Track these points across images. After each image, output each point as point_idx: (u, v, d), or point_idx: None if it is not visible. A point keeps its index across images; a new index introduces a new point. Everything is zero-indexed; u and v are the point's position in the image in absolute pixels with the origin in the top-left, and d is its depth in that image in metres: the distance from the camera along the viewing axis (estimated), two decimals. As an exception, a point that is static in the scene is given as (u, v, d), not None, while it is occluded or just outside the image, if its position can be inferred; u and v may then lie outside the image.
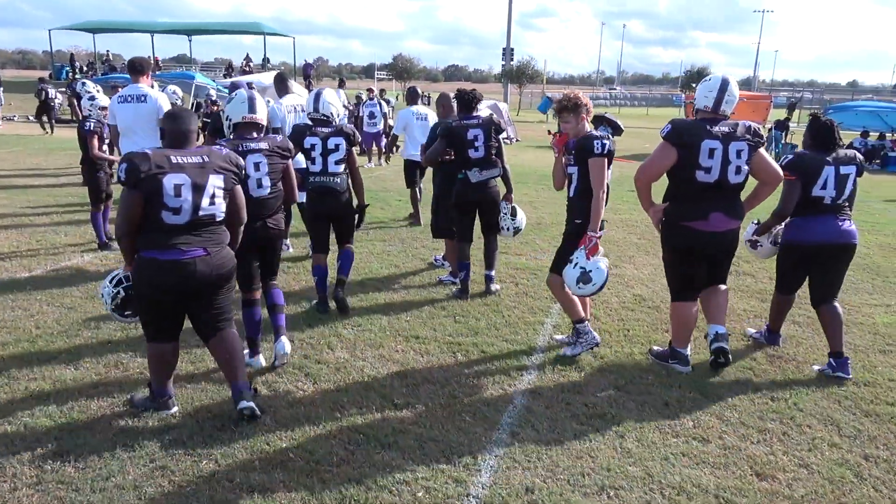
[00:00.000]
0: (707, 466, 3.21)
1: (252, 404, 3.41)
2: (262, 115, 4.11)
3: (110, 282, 3.51)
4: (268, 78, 27.23)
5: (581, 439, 3.41)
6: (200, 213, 3.26)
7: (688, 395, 3.96)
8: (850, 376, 4.24)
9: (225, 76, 37.26)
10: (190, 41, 45.48)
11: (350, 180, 5.04)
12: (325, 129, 4.90)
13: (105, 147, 6.94)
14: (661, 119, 36.76)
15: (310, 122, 4.98)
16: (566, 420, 3.60)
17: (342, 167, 4.95)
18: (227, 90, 14.40)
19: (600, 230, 4.17)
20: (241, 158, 3.55)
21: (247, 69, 37.67)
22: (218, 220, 3.37)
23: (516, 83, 45.18)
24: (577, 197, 4.26)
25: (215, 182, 3.30)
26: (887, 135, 20.23)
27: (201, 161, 3.28)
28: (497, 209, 5.63)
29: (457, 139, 5.42)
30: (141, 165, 3.12)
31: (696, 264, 4.18)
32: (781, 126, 19.84)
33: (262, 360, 4.18)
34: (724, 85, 4.03)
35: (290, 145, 4.25)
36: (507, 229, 5.65)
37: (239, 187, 3.50)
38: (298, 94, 7.44)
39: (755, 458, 3.31)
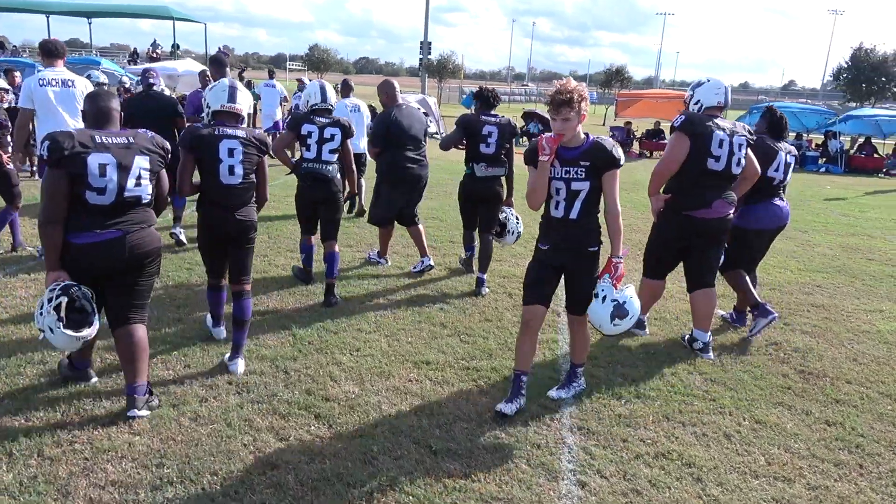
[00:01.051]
0: (804, 513, 2.87)
1: (143, 413, 3.28)
2: (242, 106, 3.98)
3: (41, 307, 3.12)
4: (181, 66, 25.46)
5: (659, 488, 2.98)
6: (126, 194, 3.21)
7: (742, 422, 3.62)
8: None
9: (129, 62, 34.70)
10: (90, 24, 42.04)
11: (343, 169, 5.21)
12: (323, 119, 5.07)
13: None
14: (593, 116, 37.80)
15: (308, 111, 5.16)
16: (632, 463, 3.16)
17: (335, 157, 5.11)
18: (137, 78, 13.09)
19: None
20: (167, 142, 3.49)
21: (154, 56, 35.23)
22: (144, 202, 3.32)
23: (436, 77, 44.79)
24: (586, 218, 3.42)
25: (141, 163, 3.26)
26: (803, 135, 21.27)
27: (126, 142, 3.25)
28: (496, 208, 5.69)
29: (473, 131, 5.54)
30: (64, 143, 3.04)
31: (682, 251, 4.55)
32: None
33: (223, 331, 4.28)
34: (725, 85, 4.48)
35: (269, 140, 4.09)
36: (512, 233, 5.73)
37: (164, 171, 3.50)
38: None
39: (847, 498, 3.00)
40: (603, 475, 3.04)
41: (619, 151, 3.38)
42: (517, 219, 5.76)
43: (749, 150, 4.41)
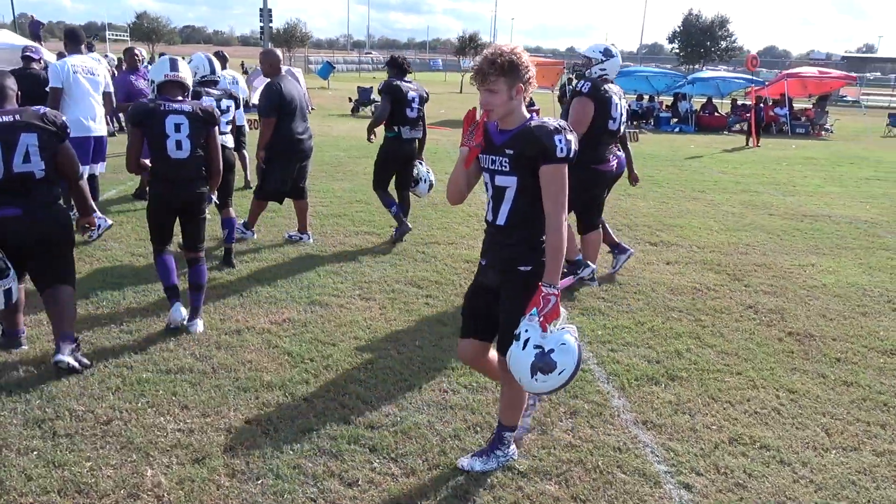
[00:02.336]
0: None
1: (68, 359, 3.40)
2: (184, 74, 4.08)
3: None
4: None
5: (757, 478, 2.91)
6: (14, 170, 3.27)
7: (779, 395, 3.68)
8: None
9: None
10: None
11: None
12: (216, 91, 5.25)
13: None
14: (446, 84, 37.98)
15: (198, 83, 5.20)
16: (716, 454, 3.06)
17: (229, 128, 5.39)
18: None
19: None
20: (62, 116, 3.53)
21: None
22: (38, 178, 3.36)
23: (284, 47, 42.58)
24: (517, 226, 2.59)
25: (28, 140, 3.30)
26: (655, 97, 22.75)
27: (11, 120, 3.30)
28: (413, 167, 6.23)
29: (400, 97, 5.89)
30: None
31: (588, 201, 5.15)
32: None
33: (182, 310, 4.13)
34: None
35: (217, 112, 4.17)
36: (424, 181, 6.24)
37: (67, 144, 3.51)
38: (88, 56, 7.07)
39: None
40: (698, 472, 2.93)
41: (559, 140, 2.44)
42: (427, 169, 6.30)
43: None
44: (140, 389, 3.38)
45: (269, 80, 5.76)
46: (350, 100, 21.85)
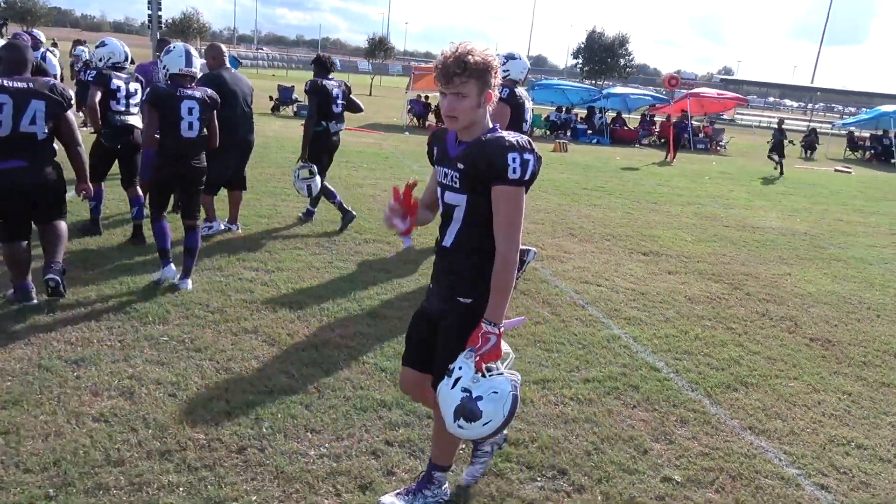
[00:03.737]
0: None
1: (57, 277, 4.03)
2: (196, 69, 4.65)
3: None
4: None
5: (878, 476, 3.19)
6: (20, 129, 3.83)
7: (842, 398, 4.03)
8: None
9: None
10: None
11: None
12: (124, 75, 5.64)
13: None
14: (361, 85, 37.33)
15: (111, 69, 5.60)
16: (828, 454, 3.32)
17: (137, 109, 5.69)
18: None
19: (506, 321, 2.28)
20: (69, 90, 4.16)
21: None
22: (40, 138, 3.93)
23: (181, 38, 40.31)
24: (459, 251, 2.30)
25: (37, 106, 3.87)
26: (570, 109, 23.73)
27: (25, 86, 3.87)
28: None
29: (324, 95, 6.37)
30: None
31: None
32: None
33: (173, 268, 4.72)
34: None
35: (219, 98, 4.79)
36: (307, 187, 6.34)
37: (69, 114, 4.08)
38: None
39: (976, 451, 3.53)
40: (823, 473, 3.16)
41: (512, 159, 2.11)
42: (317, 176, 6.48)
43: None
44: (254, 414, 3.16)
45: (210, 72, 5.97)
46: (270, 98, 21.13)
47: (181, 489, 2.59)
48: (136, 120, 5.64)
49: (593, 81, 44.72)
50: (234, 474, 2.72)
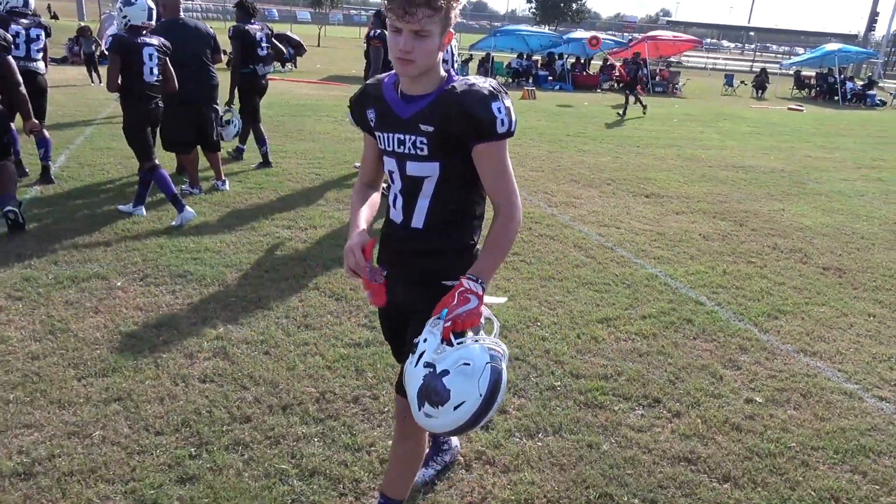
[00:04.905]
0: None
1: (15, 209, 4.65)
2: (153, 21, 5.17)
3: None
4: None
5: None
6: None
7: None
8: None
9: None
10: None
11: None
12: (26, 21, 6.01)
13: None
14: (308, 36, 36.36)
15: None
16: (882, 371, 3.64)
17: (41, 55, 6.21)
18: None
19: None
20: (9, 35, 4.99)
21: None
22: None
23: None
24: (434, 229, 1.87)
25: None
26: (531, 56, 23.67)
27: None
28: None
29: (249, 40, 6.76)
30: None
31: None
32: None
33: (191, 210, 5.23)
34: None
35: (170, 45, 5.21)
36: (234, 125, 6.75)
37: (9, 57, 4.82)
38: None
39: None
40: (878, 386, 3.45)
41: (497, 109, 1.71)
42: (237, 115, 6.84)
43: None
44: (353, 366, 3.24)
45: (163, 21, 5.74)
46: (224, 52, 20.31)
47: (317, 440, 2.68)
48: (38, 65, 6.17)
49: (548, 27, 44.55)
50: (360, 422, 2.81)
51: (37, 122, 4.83)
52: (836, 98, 24.84)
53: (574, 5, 47.11)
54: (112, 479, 2.38)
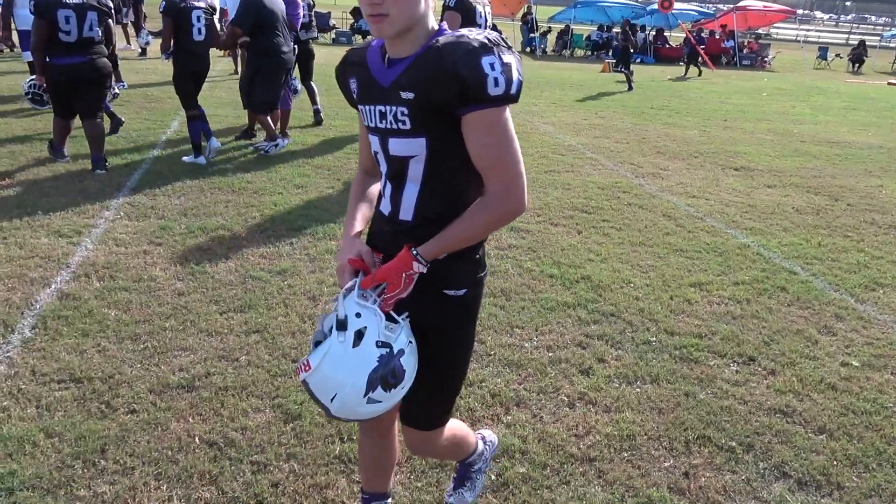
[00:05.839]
0: None
1: (102, 172, 5.50)
2: None
3: (27, 83, 6.92)
4: None
5: None
6: (84, 35, 5.25)
7: (969, 294, 4.29)
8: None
9: None
10: None
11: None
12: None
13: None
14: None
15: None
16: (976, 343, 3.63)
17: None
18: None
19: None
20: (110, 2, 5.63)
21: None
22: (96, 40, 5.38)
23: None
24: (427, 222, 1.54)
25: (92, 16, 5.29)
26: (612, 28, 23.20)
27: (82, 1, 5.25)
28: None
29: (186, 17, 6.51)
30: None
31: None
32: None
33: (215, 139, 6.14)
34: None
35: (217, 5, 6.69)
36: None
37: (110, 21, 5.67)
38: None
39: None
40: None
41: (488, 64, 1.36)
42: None
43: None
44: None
45: None
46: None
47: (432, 374, 2.95)
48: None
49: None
50: (472, 362, 3.07)
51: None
52: (942, 73, 23.23)
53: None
54: (261, 395, 2.73)
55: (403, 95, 1.44)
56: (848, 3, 77.97)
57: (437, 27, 1.47)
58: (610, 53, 21.44)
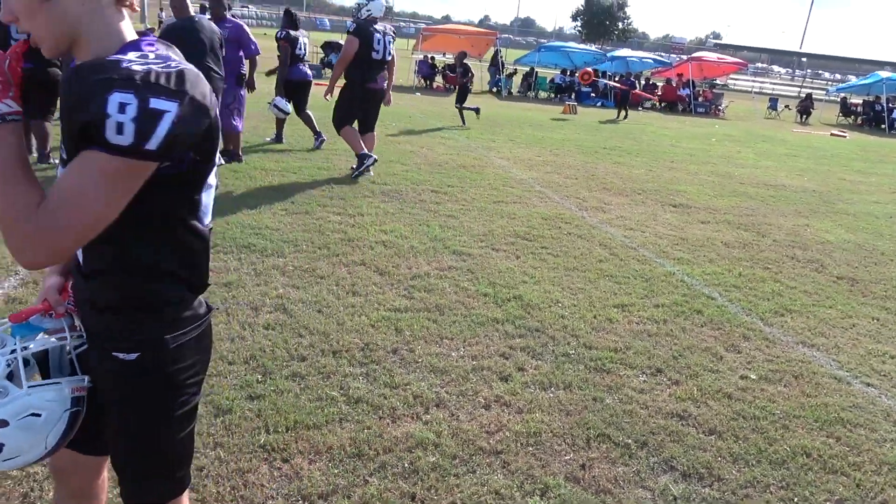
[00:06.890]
0: None
1: None
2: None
3: None
4: None
5: None
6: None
7: None
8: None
9: None
10: None
11: None
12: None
13: None
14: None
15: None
16: (874, 363, 3.97)
17: None
18: None
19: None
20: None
21: None
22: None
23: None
24: (103, 275, 1.31)
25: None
26: (574, 72, 24.10)
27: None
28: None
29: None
30: None
31: (372, 111, 7.34)
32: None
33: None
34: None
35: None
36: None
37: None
38: None
39: None
40: (867, 374, 3.79)
41: (115, 105, 1.06)
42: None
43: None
44: (393, 326, 3.73)
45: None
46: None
47: (361, 378, 3.16)
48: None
49: (593, 45, 45.07)
50: (399, 367, 3.29)
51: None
52: (882, 126, 24.58)
53: (620, 24, 47.69)
54: (195, 392, 2.90)
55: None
56: (804, 59, 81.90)
57: (126, 39, 1.21)
58: (572, 96, 22.25)
